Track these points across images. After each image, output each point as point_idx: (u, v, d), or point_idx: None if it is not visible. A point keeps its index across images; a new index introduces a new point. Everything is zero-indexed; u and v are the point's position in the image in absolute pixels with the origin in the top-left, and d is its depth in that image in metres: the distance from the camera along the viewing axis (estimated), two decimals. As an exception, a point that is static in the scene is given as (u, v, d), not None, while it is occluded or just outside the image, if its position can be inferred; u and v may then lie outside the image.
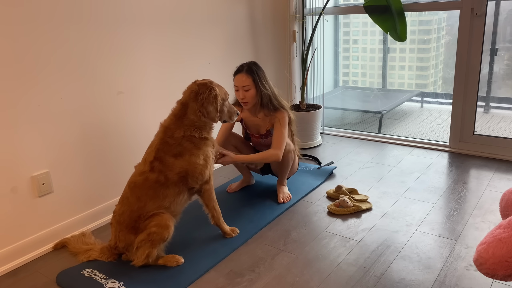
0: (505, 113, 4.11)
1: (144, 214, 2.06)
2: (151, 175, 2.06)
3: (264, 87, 2.56)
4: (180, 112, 2.11)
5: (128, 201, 2.08)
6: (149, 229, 2.03)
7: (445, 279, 1.91)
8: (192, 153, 2.09)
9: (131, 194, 2.08)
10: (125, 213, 2.07)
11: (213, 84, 2.15)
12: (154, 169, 2.06)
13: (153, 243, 2.04)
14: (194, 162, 2.09)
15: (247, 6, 3.47)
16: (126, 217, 2.07)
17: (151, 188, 2.06)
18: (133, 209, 2.06)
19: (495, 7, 3.52)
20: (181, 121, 2.10)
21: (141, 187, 2.06)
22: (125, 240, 2.08)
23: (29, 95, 2.15)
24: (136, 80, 2.67)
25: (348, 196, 2.62)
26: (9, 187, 2.14)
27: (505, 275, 1.35)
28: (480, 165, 3.14)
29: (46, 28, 2.17)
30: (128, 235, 2.07)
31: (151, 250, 2.05)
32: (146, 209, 2.06)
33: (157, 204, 2.07)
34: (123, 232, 2.08)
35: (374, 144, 3.70)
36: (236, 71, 2.61)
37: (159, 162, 2.07)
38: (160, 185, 2.06)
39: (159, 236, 2.03)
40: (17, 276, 2.11)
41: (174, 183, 2.08)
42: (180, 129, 2.09)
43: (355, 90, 4.85)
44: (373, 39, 4.55)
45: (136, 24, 2.61)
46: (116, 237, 2.11)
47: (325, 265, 2.06)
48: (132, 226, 2.07)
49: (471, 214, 2.45)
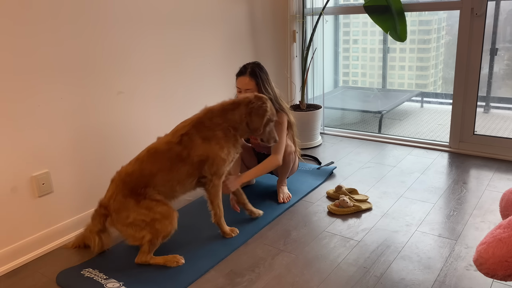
0: (505, 113, 4.11)
1: (149, 185, 2.06)
2: (176, 147, 2.09)
3: (267, 90, 2.55)
4: (229, 107, 2.20)
5: (142, 165, 2.08)
6: (153, 211, 2.02)
7: (445, 279, 1.91)
8: (220, 143, 2.15)
9: (147, 159, 2.09)
10: (134, 174, 2.06)
11: (268, 102, 2.25)
12: (181, 142, 2.11)
13: (155, 232, 2.03)
14: (217, 151, 2.14)
15: (247, 6, 3.47)
16: (134, 178, 2.06)
17: (169, 160, 2.08)
18: (143, 173, 2.06)
19: (495, 7, 3.52)
20: (225, 114, 2.18)
21: (161, 156, 2.09)
22: (122, 202, 2.03)
23: (29, 95, 2.15)
24: (136, 80, 2.67)
25: (348, 196, 2.62)
26: (9, 187, 2.14)
27: (505, 275, 1.35)
28: (480, 165, 3.14)
29: (46, 28, 2.17)
30: (128, 198, 2.04)
31: (152, 239, 2.03)
32: (155, 180, 2.07)
33: (167, 179, 2.09)
34: (124, 193, 2.05)
35: (374, 144, 3.70)
36: (239, 72, 2.59)
37: (188, 138, 2.11)
38: (179, 160, 2.09)
39: (163, 227, 2.03)
40: (17, 276, 2.11)
41: (191, 163, 2.12)
42: (221, 118, 2.16)
43: (355, 90, 4.85)
44: (373, 39, 4.56)
45: (136, 24, 2.61)
46: (113, 196, 2.06)
47: (325, 265, 2.06)
48: (135, 191, 2.05)
49: (471, 214, 2.45)
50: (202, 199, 2.81)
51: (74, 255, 2.25)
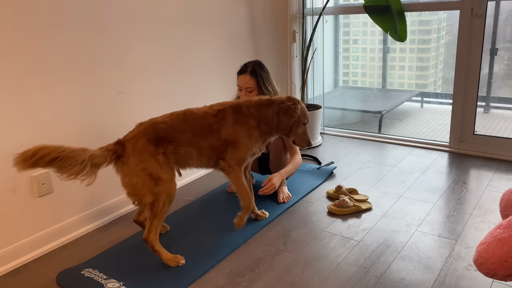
0: (505, 113, 4.11)
1: (173, 141, 2.10)
2: (211, 118, 2.15)
3: (267, 89, 2.57)
4: (265, 103, 2.22)
5: (175, 120, 2.14)
6: (163, 170, 2.04)
7: (445, 279, 1.91)
8: (249, 130, 2.19)
9: (182, 117, 2.15)
10: (165, 124, 2.11)
11: (300, 104, 2.24)
12: (216, 116, 2.16)
13: (156, 193, 2.02)
14: (245, 137, 2.18)
15: (247, 6, 3.47)
16: (164, 128, 2.10)
17: (201, 126, 2.14)
18: (174, 127, 2.12)
19: (495, 7, 3.52)
20: (261, 108, 2.21)
21: (195, 119, 2.16)
22: (144, 146, 2.03)
23: (29, 95, 2.15)
24: (136, 80, 2.67)
25: (348, 196, 2.62)
26: (9, 187, 2.14)
27: (505, 275, 1.35)
28: (480, 165, 3.14)
29: (46, 28, 2.17)
30: (150, 145, 2.05)
31: (154, 202, 2.03)
32: (181, 138, 2.12)
33: (191, 142, 2.13)
34: (148, 138, 2.05)
35: (374, 144, 3.70)
36: (240, 71, 2.61)
37: (223, 115, 2.17)
38: (209, 130, 2.15)
39: (165, 190, 2.04)
40: (17, 276, 2.11)
41: (218, 138, 2.16)
42: (256, 110, 2.20)
43: (355, 90, 4.85)
44: (373, 39, 4.56)
45: (136, 24, 2.61)
46: (136, 137, 2.06)
47: (325, 265, 2.06)
48: (159, 141, 2.08)
49: (471, 214, 2.45)
50: (202, 199, 2.82)
51: (74, 255, 2.25)
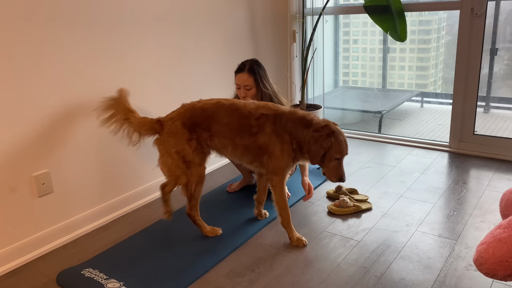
0: (505, 113, 4.11)
1: (210, 130, 2.13)
2: (252, 121, 2.12)
3: (265, 86, 2.58)
4: (303, 122, 2.09)
5: (218, 110, 2.14)
6: (195, 154, 2.12)
7: (445, 279, 1.91)
8: (283, 145, 2.10)
9: (225, 109, 2.14)
10: (204, 110, 2.14)
11: (335, 136, 2.04)
12: (258, 119, 2.11)
13: (190, 175, 2.16)
14: (278, 150, 2.10)
15: (247, 6, 3.47)
16: (203, 115, 2.14)
17: (240, 124, 2.12)
18: (214, 117, 2.14)
19: (495, 7, 3.52)
20: (298, 127, 2.09)
21: (238, 116, 2.13)
22: (179, 129, 2.12)
23: (29, 95, 2.15)
24: (136, 80, 2.67)
25: (348, 196, 2.62)
26: (9, 187, 2.14)
27: (505, 275, 1.35)
28: (480, 165, 3.14)
29: (46, 28, 2.17)
30: (185, 129, 2.12)
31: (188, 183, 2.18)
32: (218, 129, 2.13)
33: (226, 136, 2.14)
34: (184, 122, 2.12)
35: (374, 144, 3.70)
36: (238, 69, 2.62)
37: (264, 121, 2.10)
38: (247, 131, 2.12)
39: (196, 173, 2.16)
40: (17, 276, 2.11)
41: (253, 142, 2.12)
42: (293, 127, 2.09)
43: (355, 90, 4.85)
44: (373, 39, 4.56)
45: (137, 24, 2.61)
46: (174, 119, 2.14)
47: (325, 265, 2.06)
48: (195, 127, 2.13)
49: (471, 214, 2.45)
50: (202, 199, 2.81)
51: (74, 255, 2.25)
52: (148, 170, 2.81)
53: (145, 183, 2.81)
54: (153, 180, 2.86)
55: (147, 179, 2.82)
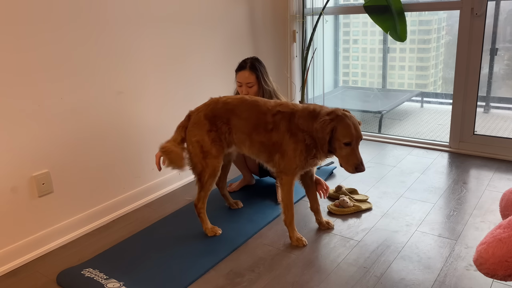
0: (505, 113, 4.11)
1: (229, 124, 2.20)
2: (269, 117, 2.14)
3: (266, 83, 2.62)
4: (311, 114, 2.09)
5: (239, 103, 2.21)
6: (212, 145, 2.19)
7: (445, 279, 1.91)
8: (296, 143, 2.09)
9: (247, 104, 2.19)
10: (226, 104, 2.21)
11: (344, 120, 2.00)
12: (274, 116, 2.14)
13: (205, 165, 2.22)
14: (291, 148, 2.11)
15: (247, 6, 3.47)
16: (222, 107, 2.21)
17: (258, 120, 2.16)
18: (234, 111, 2.19)
19: (495, 7, 3.52)
20: (308, 120, 2.08)
21: (256, 111, 2.17)
22: (200, 120, 2.20)
23: (29, 95, 2.15)
24: (136, 80, 2.67)
25: (348, 196, 2.62)
26: (9, 187, 2.14)
27: (505, 275, 1.35)
28: (480, 165, 3.14)
29: (46, 28, 2.17)
30: (206, 120, 2.20)
31: (202, 173, 2.24)
32: (236, 123, 2.18)
33: (243, 131, 2.19)
34: (207, 114, 2.21)
35: (374, 144, 3.70)
36: (239, 67, 2.64)
37: (280, 118, 2.12)
38: (263, 127, 2.15)
39: (211, 164, 2.22)
40: (17, 276, 2.11)
41: (268, 138, 2.15)
42: (304, 122, 2.08)
43: (355, 90, 4.85)
44: (373, 39, 4.55)
45: (136, 24, 2.61)
46: (199, 110, 2.24)
47: (325, 265, 2.06)
48: (216, 119, 2.20)
49: (471, 214, 2.45)
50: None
51: (74, 255, 2.25)
52: (148, 170, 2.81)
53: (145, 183, 2.81)
54: (153, 180, 2.86)
55: (146, 179, 2.82)
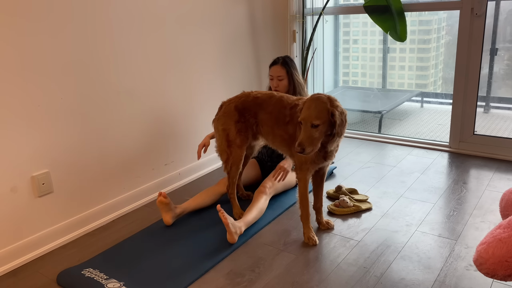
0: (505, 113, 4.11)
1: (256, 117, 2.30)
2: (287, 110, 2.20)
3: (296, 78, 2.76)
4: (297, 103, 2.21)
5: (267, 98, 2.29)
6: (238, 135, 2.32)
7: (445, 279, 1.92)
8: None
9: (273, 99, 2.27)
10: (256, 98, 2.31)
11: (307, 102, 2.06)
12: (291, 109, 2.19)
13: (229, 153, 2.35)
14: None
15: (247, 6, 3.47)
16: (251, 100, 2.30)
17: (278, 113, 2.23)
18: (261, 105, 2.28)
19: (495, 7, 3.52)
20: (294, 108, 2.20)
21: (279, 105, 2.24)
22: (230, 110, 2.33)
23: (29, 95, 2.15)
24: (136, 80, 2.67)
25: (348, 196, 2.62)
26: (9, 187, 2.14)
27: (505, 275, 1.35)
28: (480, 165, 3.14)
29: (46, 28, 2.17)
30: (235, 112, 2.33)
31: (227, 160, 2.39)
32: (261, 116, 2.28)
33: (268, 124, 2.27)
34: (237, 105, 2.32)
35: (374, 144, 3.70)
36: (273, 62, 2.83)
37: (294, 112, 2.16)
38: (282, 120, 2.22)
39: (235, 152, 2.34)
40: (17, 276, 2.11)
41: (286, 131, 2.21)
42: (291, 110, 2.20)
43: (355, 90, 4.85)
44: (373, 39, 4.55)
45: (136, 24, 2.62)
46: (229, 101, 2.37)
47: (325, 265, 2.06)
48: (244, 112, 2.31)
49: (471, 214, 2.45)
50: (202, 199, 2.81)
51: (74, 255, 2.25)
52: (148, 170, 2.81)
53: (145, 183, 2.81)
54: (153, 180, 2.86)
55: (147, 179, 2.82)
